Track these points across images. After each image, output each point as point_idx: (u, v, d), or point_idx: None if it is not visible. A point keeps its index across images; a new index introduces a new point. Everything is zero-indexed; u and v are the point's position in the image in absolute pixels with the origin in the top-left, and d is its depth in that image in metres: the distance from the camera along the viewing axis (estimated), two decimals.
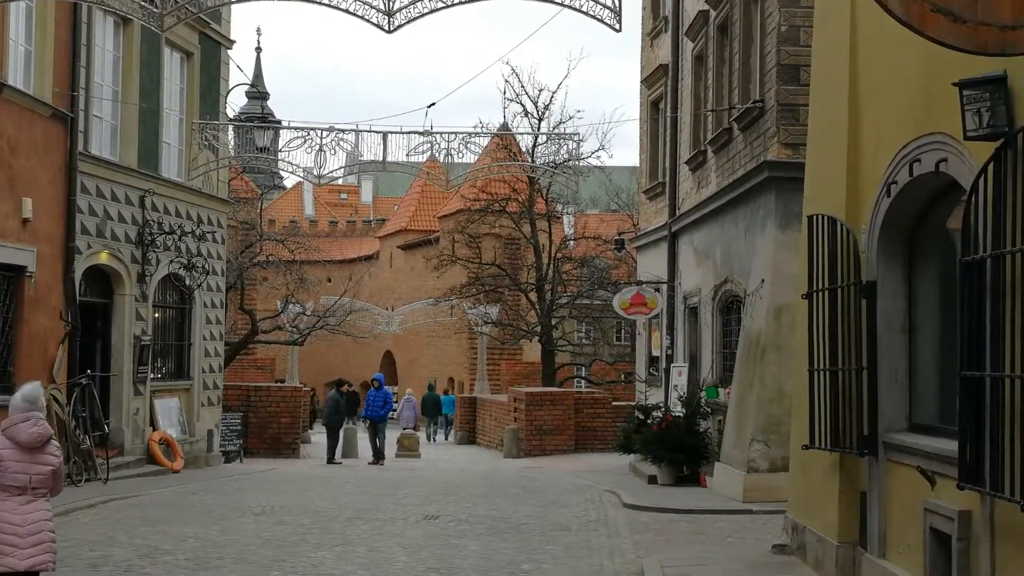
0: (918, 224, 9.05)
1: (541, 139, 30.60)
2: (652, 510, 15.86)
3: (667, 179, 23.60)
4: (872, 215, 9.29)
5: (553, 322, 44.10)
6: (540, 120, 41.37)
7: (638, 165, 28.57)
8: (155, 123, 21.80)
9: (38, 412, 8.02)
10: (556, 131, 36.17)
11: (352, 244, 70.57)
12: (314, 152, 19.85)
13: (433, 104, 21.68)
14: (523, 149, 39.75)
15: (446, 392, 49.14)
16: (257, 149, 24.07)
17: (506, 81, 42.99)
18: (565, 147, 21.91)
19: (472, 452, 33.08)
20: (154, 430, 21.38)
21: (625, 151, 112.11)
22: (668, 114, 23.49)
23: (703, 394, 19.38)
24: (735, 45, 18.63)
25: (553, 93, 42.29)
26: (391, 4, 11.94)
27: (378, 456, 27.25)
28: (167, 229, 21.65)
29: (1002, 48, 5.67)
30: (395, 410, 35.36)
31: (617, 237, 33.53)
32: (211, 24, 23.44)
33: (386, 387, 30.33)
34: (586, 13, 11.68)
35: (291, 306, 41.78)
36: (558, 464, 25.16)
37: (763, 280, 16.37)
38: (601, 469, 22.85)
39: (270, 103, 78.70)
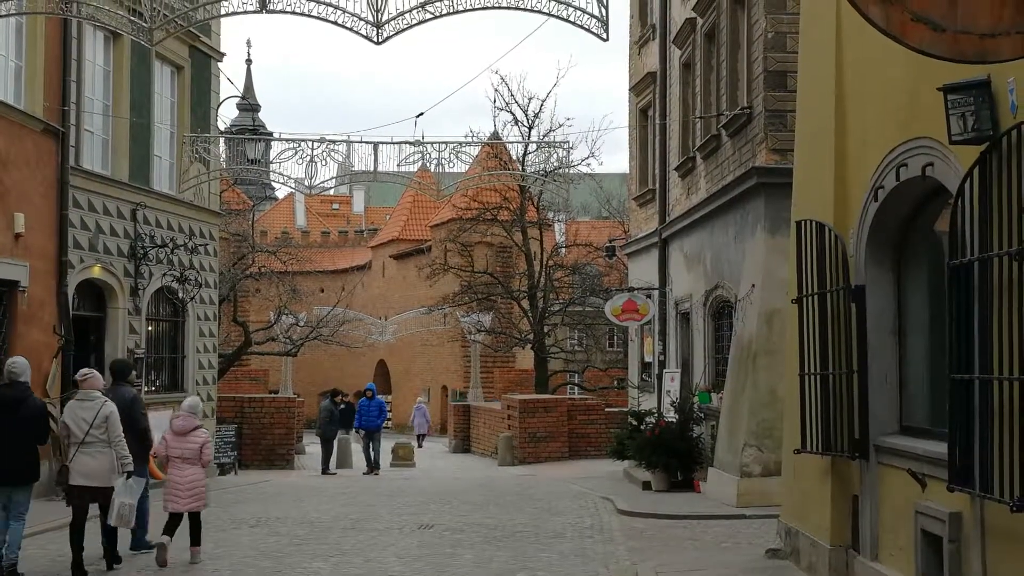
0: (906, 228, 9.11)
1: (531, 147, 30.65)
2: (646, 516, 15.89)
3: (657, 186, 23.68)
4: (860, 219, 9.34)
5: (546, 329, 44.15)
6: (530, 128, 41.48)
7: (628, 172, 28.66)
8: (146, 136, 21.83)
9: (194, 414, 12.48)
10: (546, 139, 36.26)
11: (344, 254, 70.57)
12: (305, 163, 19.87)
13: (421, 114, 21.76)
14: (514, 157, 39.82)
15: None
16: (248, 161, 24.11)
17: (496, 90, 43.02)
18: (555, 155, 21.99)
19: (466, 460, 33.08)
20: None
21: (616, 157, 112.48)
22: (657, 121, 23.58)
23: (696, 399, 19.43)
24: (722, 52, 18.72)
25: (543, 101, 42.50)
26: (379, 16, 12.00)
27: (373, 466, 27.25)
28: (159, 242, 21.65)
29: (982, 56, 5.74)
30: (390, 419, 35.61)
31: (608, 244, 33.62)
32: (201, 37, 23.49)
33: (378, 396, 30.34)
34: (573, 23, 11.73)
35: (284, 317, 41.76)
36: (552, 471, 25.19)
37: (754, 285, 16.43)
38: (595, 475, 22.88)
39: (261, 115, 78.77)
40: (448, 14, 12.07)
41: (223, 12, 13.05)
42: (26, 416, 10.87)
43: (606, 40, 11.82)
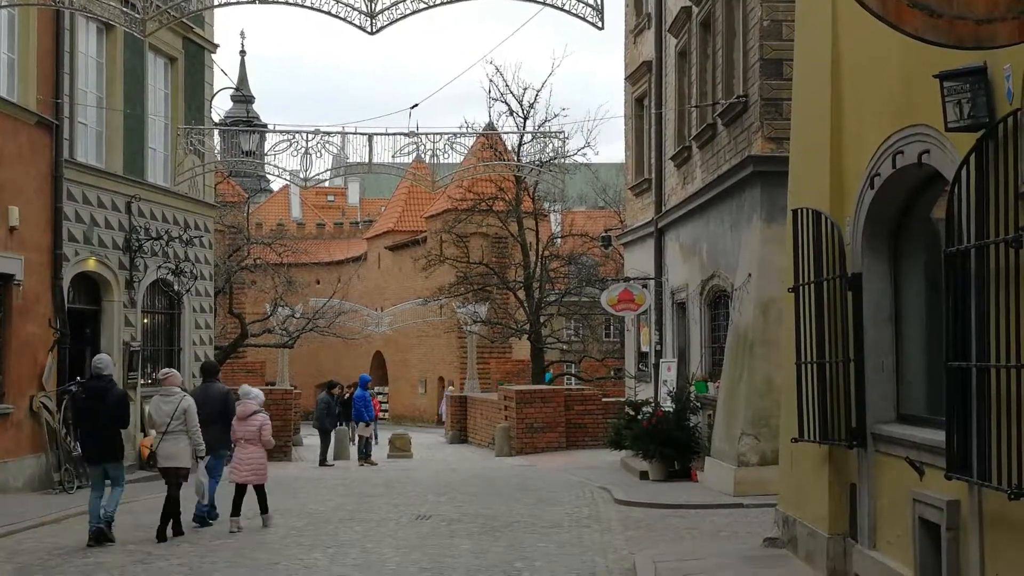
0: (902, 216, 9.08)
1: (526, 138, 30.63)
2: (644, 506, 15.90)
3: (653, 175, 23.66)
4: (856, 207, 9.32)
5: (542, 320, 44.12)
6: (525, 119, 41.33)
7: (624, 161, 28.62)
8: (140, 129, 21.79)
9: (251, 399, 14.62)
10: (541, 129, 36.21)
11: (340, 246, 70.47)
12: (300, 155, 19.83)
13: (416, 105, 21.74)
14: (509, 148, 39.73)
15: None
16: (243, 153, 24.09)
17: (490, 80, 42.86)
18: (551, 145, 21.96)
19: (464, 451, 33.06)
20: (145, 436, 21.34)
21: (612, 147, 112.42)
22: (653, 110, 23.55)
23: (692, 389, 19.42)
24: (718, 41, 18.68)
25: (538, 91, 42.27)
26: (373, 6, 11.97)
27: (365, 455, 27.22)
28: (154, 235, 21.63)
29: (977, 42, 5.71)
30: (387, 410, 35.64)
31: (604, 234, 33.58)
32: (194, 28, 23.43)
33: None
34: (568, 11, 11.72)
35: (280, 309, 41.71)
36: (549, 461, 25.18)
37: (750, 274, 16.42)
38: (592, 465, 22.88)
39: (255, 106, 78.64)
40: (442, 3, 12.06)
41: (216, 3, 13.06)
42: (111, 404, 12.94)
43: (601, 29, 11.82)
